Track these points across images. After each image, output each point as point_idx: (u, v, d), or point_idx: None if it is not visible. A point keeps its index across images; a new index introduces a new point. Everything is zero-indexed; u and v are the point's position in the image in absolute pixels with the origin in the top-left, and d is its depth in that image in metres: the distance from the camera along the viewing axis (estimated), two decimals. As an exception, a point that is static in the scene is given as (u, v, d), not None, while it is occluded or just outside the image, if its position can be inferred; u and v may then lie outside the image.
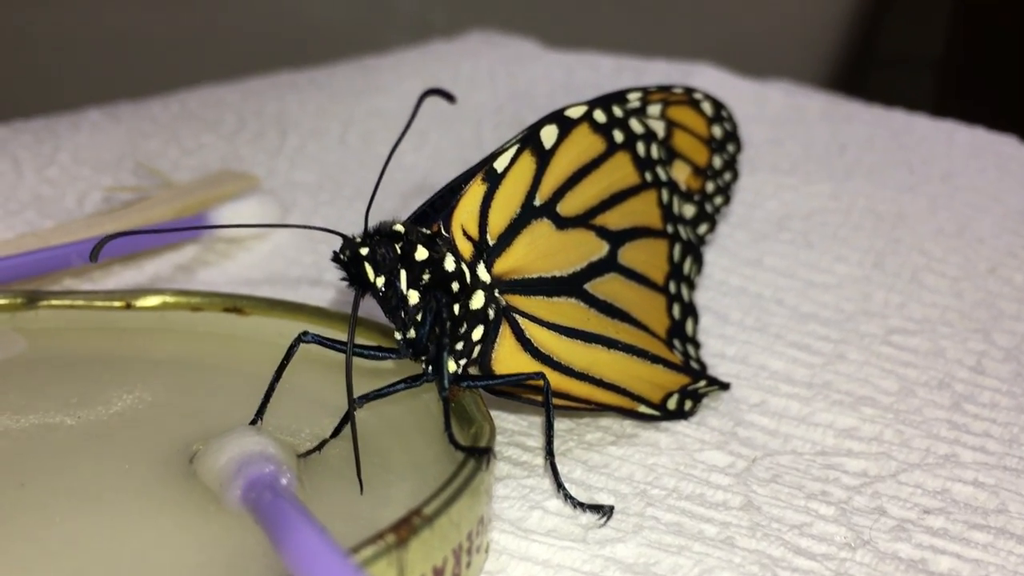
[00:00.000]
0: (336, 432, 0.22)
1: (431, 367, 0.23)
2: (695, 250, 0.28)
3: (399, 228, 0.22)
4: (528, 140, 0.25)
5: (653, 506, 0.23)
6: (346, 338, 0.22)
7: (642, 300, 0.26)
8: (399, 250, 0.22)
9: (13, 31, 0.65)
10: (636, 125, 0.27)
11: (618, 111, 0.26)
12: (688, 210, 0.28)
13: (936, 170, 0.39)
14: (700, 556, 0.22)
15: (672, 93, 0.28)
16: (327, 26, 0.67)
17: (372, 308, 0.23)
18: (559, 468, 0.24)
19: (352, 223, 0.36)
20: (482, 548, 0.21)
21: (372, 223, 0.23)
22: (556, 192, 0.25)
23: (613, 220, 0.26)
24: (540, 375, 0.23)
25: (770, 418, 0.27)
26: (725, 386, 0.27)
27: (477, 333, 0.23)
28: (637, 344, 0.25)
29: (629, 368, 0.25)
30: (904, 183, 0.38)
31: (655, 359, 0.26)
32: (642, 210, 0.27)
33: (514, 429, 0.26)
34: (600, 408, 0.25)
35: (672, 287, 0.27)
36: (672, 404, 0.26)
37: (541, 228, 0.24)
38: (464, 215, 0.23)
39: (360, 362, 0.24)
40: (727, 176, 0.29)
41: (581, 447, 0.25)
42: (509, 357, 0.23)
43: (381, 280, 0.22)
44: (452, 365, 0.23)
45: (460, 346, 0.23)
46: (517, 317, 0.24)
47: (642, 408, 0.26)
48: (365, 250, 0.22)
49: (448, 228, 0.23)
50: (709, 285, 0.32)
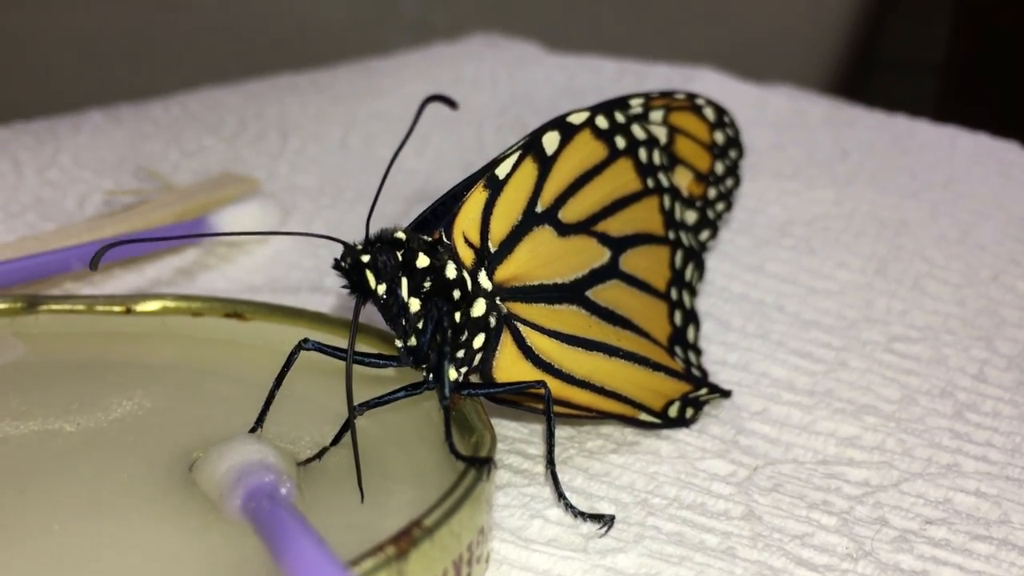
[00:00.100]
0: (336, 440, 0.22)
1: (432, 375, 0.22)
2: (697, 256, 0.28)
3: (400, 235, 0.22)
4: (530, 146, 0.24)
5: (654, 515, 0.23)
6: (346, 345, 0.22)
7: (644, 307, 0.26)
8: (400, 257, 0.22)
9: (13, 31, 0.65)
10: (638, 131, 0.27)
11: (620, 117, 0.26)
12: (690, 216, 0.28)
13: (938, 176, 0.39)
14: (701, 567, 0.22)
15: (674, 99, 0.28)
16: (329, 27, 0.67)
17: (373, 314, 0.23)
18: (560, 477, 0.23)
19: (353, 227, 0.36)
20: (482, 558, 0.21)
21: (373, 229, 0.23)
22: (558, 198, 0.25)
23: (615, 226, 0.26)
24: (541, 383, 0.23)
25: (772, 426, 0.26)
26: (726, 393, 0.27)
27: (478, 341, 0.23)
28: (638, 351, 0.25)
29: (630, 376, 0.25)
30: (906, 189, 0.38)
31: (656, 367, 0.26)
32: (644, 216, 0.27)
33: (515, 436, 0.26)
34: (601, 416, 0.25)
35: (674, 293, 0.27)
36: (673, 412, 0.26)
37: (543, 235, 0.24)
38: (466, 222, 0.23)
39: (361, 369, 0.24)
40: (729, 182, 0.29)
41: (582, 455, 0.25)
42: (510, 365, 0.23)
43: (382, 287, 0.22)
44: (453, 373, 0.22)
45: (461, 354, 0.23)
46: (518, 325, 0.24)
47: (643, 416, 0.26)
48: (366, 257, 0.22)
49: (450, 235, 0.23)
50: (711, 291, 0.32)
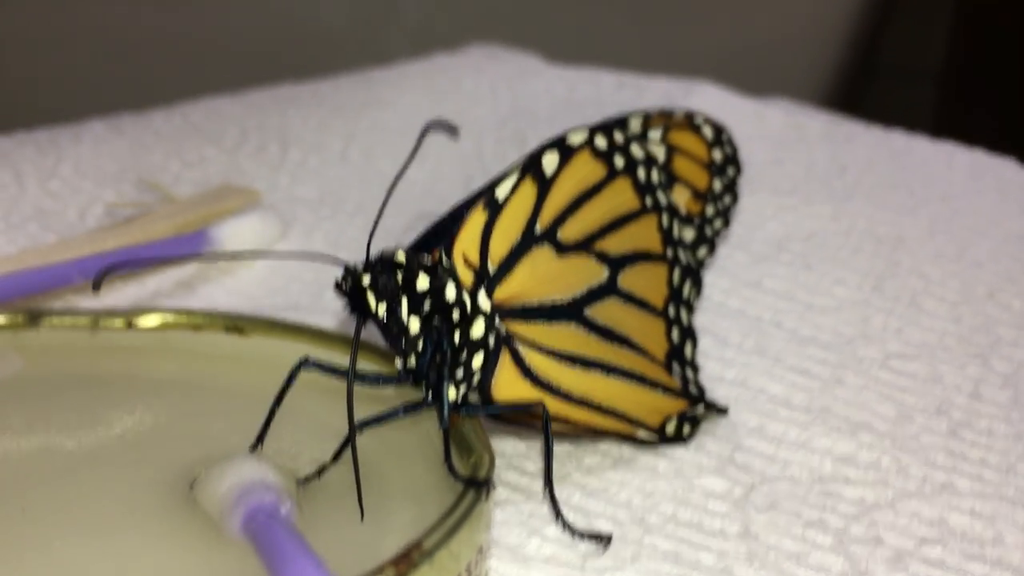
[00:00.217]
0: (336, 457, 0.23)
1: (431, 395, 0.23)
2: (694, 274, 0.28)
3: (401, 256, 0.23)
4: (529, 167, 0.25)
5: (651, 533, 0.23)
6: (347, 363, 0.22)
7: (641, 324, 0.27)
8: (400, 279, 0.22)
9: (13, 34, 0.65)
10: (637, 150, 0.27)
11: (619, 137, 0.27)
12: (688, 234, 0.29)
13: (936, 193, 0.39)
14: (697, 585, 0.22)
15: (673, 118, 0.28)
16: (329, 34, 0.68)
17: (372, 331, 0.23)
18: (558, 494, 0.24)
19: (353, 239, 0.37)
20: (480, 576, 0.21)
21: (373, 247, 0.23)
22: (557, 218, 0.25)
23: (613, 245, 0.26)
24: (540, 404, 0.23)
25: (768, 443, 0.27)
26: (723, 410, 0.28)
27: (477, 361, 0.23)
28: (636, 369, 0.25)
29: (628, 393, 0.25)
30: (904, 205, 0.38)
31: (654, 384, 0.26)
32: (642, 235, 0.27)
33: (513, 453, 0.26)
34: (599, 433, 0.25)
35: (671, 311, 0.28)
36: (670, 428, 0.26)
37: (541, 254, 0.25)
38: (465, 243, 0.24)
39: (360, 388, 0.24)
40: (727, 199, 0.29)
41: (580, 471, 0.25)
42: (509, 384, 0.24)
43: (383, 308, 0.22)
44: (452, 393, 0.23)
45: (460, 374, 0.23)
46: (517, 344, 0.24)
47: (641, 433, 0.26)
48: (367, 279, 0.22)
49: (449, 256, 0.23)
50: (708, 307, 0.32)
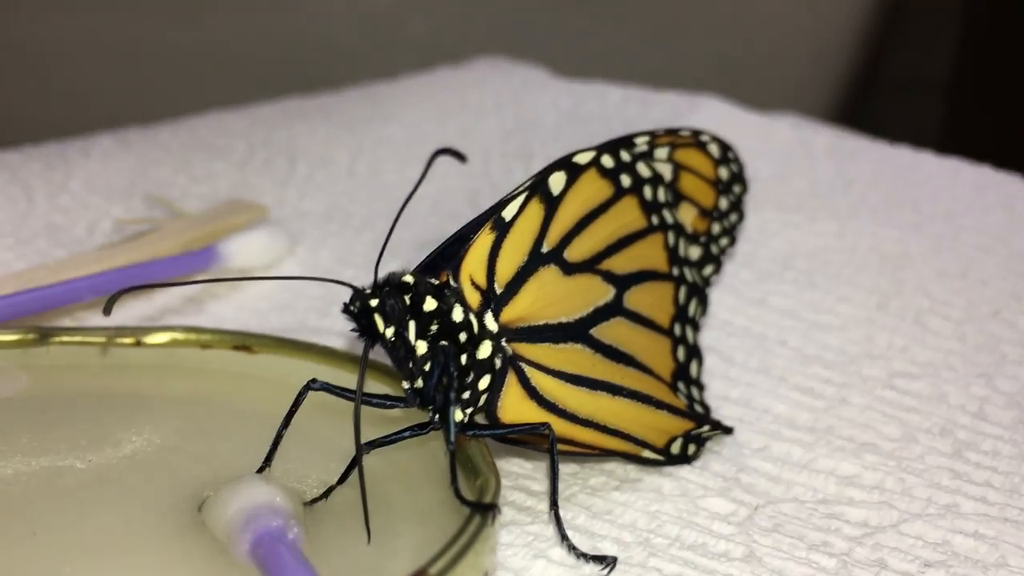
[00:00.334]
0: (343, 479, 0.23)
1: (438, 417, 0.23)
2: (700, 292, 0.28)
3: (408, 279, 0.23)
4: (536, 187, 0.25)
5: (656, 556, 0.23)
6: (353, 383, 0.22)
7: (647, 344, 0.27)
8: (408, 301, 0.22)
9: (22, 49, 0.65)
10: (643, 169, 0.27)
11: (626, 155, 0.27)
12: (694, 252, 0.29)
13: (941, 209, 0.39)
14: (702, 608, 0.22)
15: (679, 136, 0.28)
16: (335, 49, 0.68)
17: (380, 351, 0.23)
18: (563, 515, 0.24)
19: (360, 255, 0.37)
20: (486, 600, 0.21)
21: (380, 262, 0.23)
22: (563, 238, 0.25)
23: (619, 264, 0.26)
24: (546, 426, 0.23)
25: (772, 464, 0.27)
26: (728, 430, 0.28)
27: (483, 382, 0.23)
28: (642, 390, 0.26)
29: (634, 414, 0.25)
30: (909, 222, 0.38)
31: (660, 404, 0.26)
32: (648, 254, 0.27)
33: (519, 472, 0.26)
34: (604, 453, 0.25)
35: (677, 330, 0.28)
36: (676, 449, 0.26)
37: (548, 275, 0.25)
38: (473, 265, 0.24)
39: (368, 408, 0.24)
40: (733, 217, 0.29)
41: (585, 492, 0.25)
42: (515, 405, 0.24)
43: (390, 331, 0.22)
44: (459, 414, 0.23)
45: (467, 395, 0.23)
46: (523, 365, 0.24)
47: (646, 453, 0.26)
48: (375, 302, 0.22)
49: (457, 278, 0.23)
50: (714, 325, 0.32)
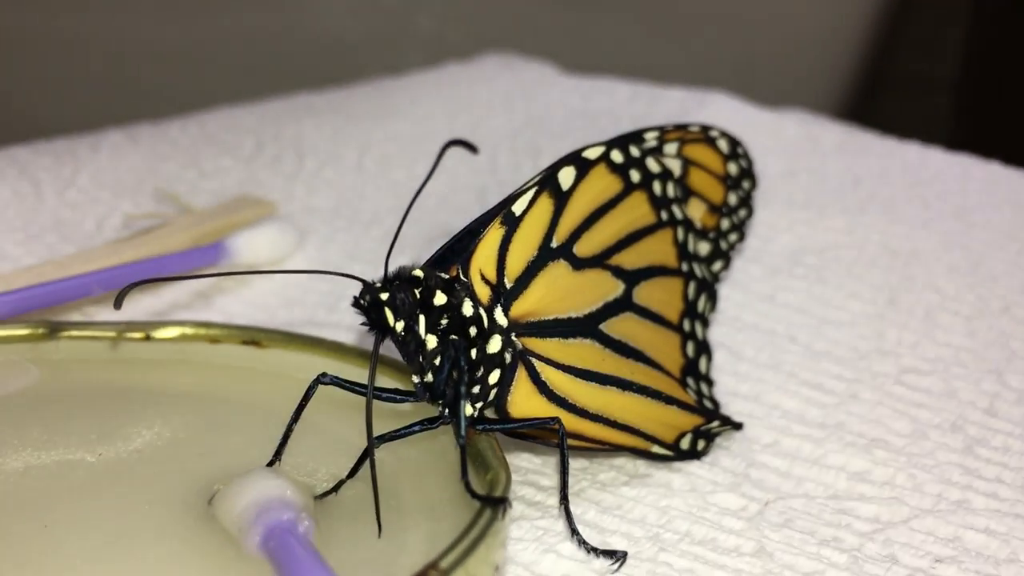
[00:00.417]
0: (352, 473, 0.23)
1: (448, 411, 0.23)
2: (709, 288, 0.28)
3: (418, 273, 0.23)
4: (546, 182, 0.25)
5: (666, 551, 0.23)
6: (362, 378, 0.22)
7: (656, 339, 0.27)
8: (418, 295, 0.22)
9: (32, 45, 0.65)
10: (653, 164, 0.27)
11: (635, 151, 0.27)
12: (703, 248, 0.29)
13: (950, 205, 0.39)
14: (712, 603, 0.22)
15: (688, 131, 0.28)
16: (344, 44, 0.68)
17: (389, 346, 0.23)
18: (573, 510, 0.24)
19: (368, 250, 0.37)
20: (496, 594, 0.21)
21: (382, 253, 0.23)
22: (573, 233, 0.25)
23: (629, 259, 0.26)
24: (556, 420, 0.23)
25: (783, 459, 0.27)
26: (738, 426, 0.28)
27: (493, 377, 0.23)
28: (651, 385, 0.25)
29: (643, 409, 0.25)
30: (918, 218, 0.38)
31: (669, 400, 0.26)
32: (658, 249, 0.27)
33: (528, 467, 0.26)
34: (614, 448, 0.25)
35: (686, 325, 0.28)
36: (685, 444, 0.26)
37: (558, 270, 0.25)
38: (482, 259, 0.24)
39: (378, 403, 0.24)
40: (742, 213, 0.29)
41: (595, 487, 0.25)
42: (525, 400, 0.24)
43: (400, 325, 0.22)
44: (469, 409, 0.23)
45: (477, 390, 0.23)
46: (533, 360, 0.24)
47: (656, 448, 0.26)
48: (385, 295, 0.22)
49: (467, 272, 0.23)
50: (723, 320, 0.32)
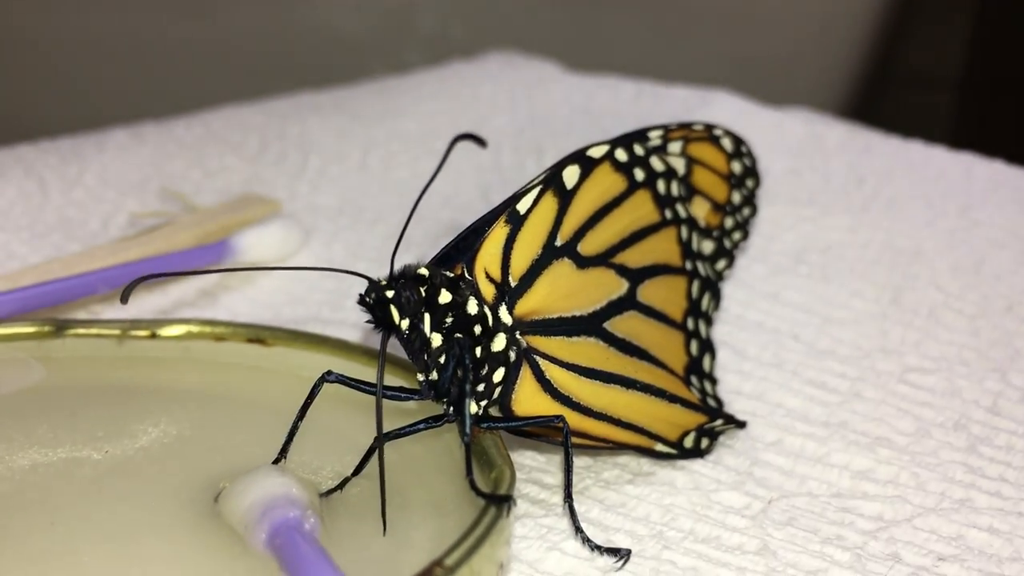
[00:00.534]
0: (358, 470, 0.23)
1: (453, 409, 0.23)
2: (713, 286, 0.28)
3: (423, 271, 0.23)
4: (550, 181, 0.25)
5: (670, 549, 0.23)
6: (368, 375, 0.23)
7: (660, 337, 0.27)
8: (423, 293, 0.22)
9: (36, 43, 0.65)
10: (657, 163, 0.27)
11: (639, 149, 0.27)
12: (707, 246, 0.29)
13: (954, 204, 0.39)
14: (716, 601, 0.22)
15: (693, 130, 0.28)
16: (347, 43, 0.68)
17: (394, 345, 0.24)
18: (577, 508, 0.24)
19: (373, 248, 0.37)
20: (501, 591, 0.21)
21: (386, 251, 0.23)
22: (577, 232, 0.25)
23: (633, 258, 0.26)
24: (560, 418, 0.23)
25: (786, 458, 0.27)
26: (741, 424, 0.28)
27: (498, 375, 0.23)
28: (655, 383, 0.26)
29: (647, 408, 0.25)
30: (922, 217, 0.38)
31: (673, 398, 0.26)
32: (661, 247, 0.27)
33: (532, 465, 0.26)
34: (618, 446, 0.25)
35: (690, 323, 0.28)
36: (689, 442, 0.26)
37: (562, 268, 0.25)
38: (487, 258, 0.24)
39: (383, 401, 0.24)
40: (746, 211, 0.29)
41: (598, 485, 0.25)
42: (529, 398, 0.24)
43: (405, 323, 0.22)
44: (473, 407, 0.23)
45: (481, 388, 0.23)
46: (537, 358, 0.24)
47: (659, 446, 0.26)
48: (390, 293, 0.22)
49: (471, 271, 0.23)
50: (726, 319, 0.32)
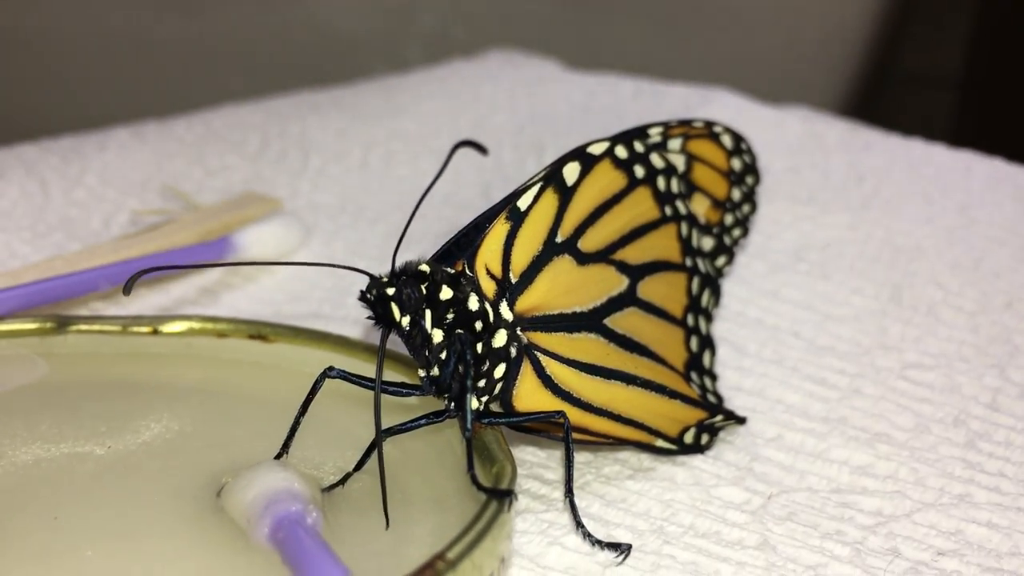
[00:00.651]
0: (359, 466, 0.23)
1: (454, 405, 0.23)
2: (713, 283, 0.29)
3: (424, 268, 0.23)
4: (551, 177, 0.25)
5: (670, 544, 0.24)
6: (369, 371, 0.23)
7: (660, 333, 0.27)
8: (424, 290, 0.22)
9: (37, 43, 0.65)
10: (657, 160, 0.27)
11: (639, 146, 0.27)
12: (707, 243, 0.29)
13: (953, 202, 0.39)
14: (716, 595, 0.22)
15: (692, 127, 0.28)
16: (348, 42, 0.68)
17: (396, 341, 0.24)
18: (578, 503, 0.24)
19: (373, 246, 0.37)
20: (502, 586, 0.21)
21: (387, 249, 0.23)
22: (578, 228, 0.25)
23: (633, 255, 0.26)
24: (561, 413, 0.23)
25: (786, 453, 0.27)
26: (741, 420, 0.28)
27: (499, 371, 0.23)
28: (655, 379, 0.26)
29: (647, 403, 0.25)
30: (921, 215, 0.38)
31: (673, 394, 0.26)
32: (661, 244, 0.27)
33: (533, 461, 0.26)
34: (618, 442, 0.26)
35: (690, 320, 0.28)
36: (689, 438, 0.26)
37: (562, 264, 0.25)
38: (488, 254, 0.24)
39: (384, 396, 0.24)
40: (745, 208, 0.29)
41: (599, 480, 0.26)
42: (530, 394, 0.24)
43: (406, 319, 0.22)
44: (474, 402, 0.23)
45: (482, 384, 0.23)
46: (538, 354, 0.24)
47: (659, 442, 0.26)
48: (392, 290, 0.22)
49: (472, 267, 0.24)
50: (726, 316, 0.32)
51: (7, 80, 0.66)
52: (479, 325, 0.23)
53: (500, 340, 0.23)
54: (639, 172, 0.27)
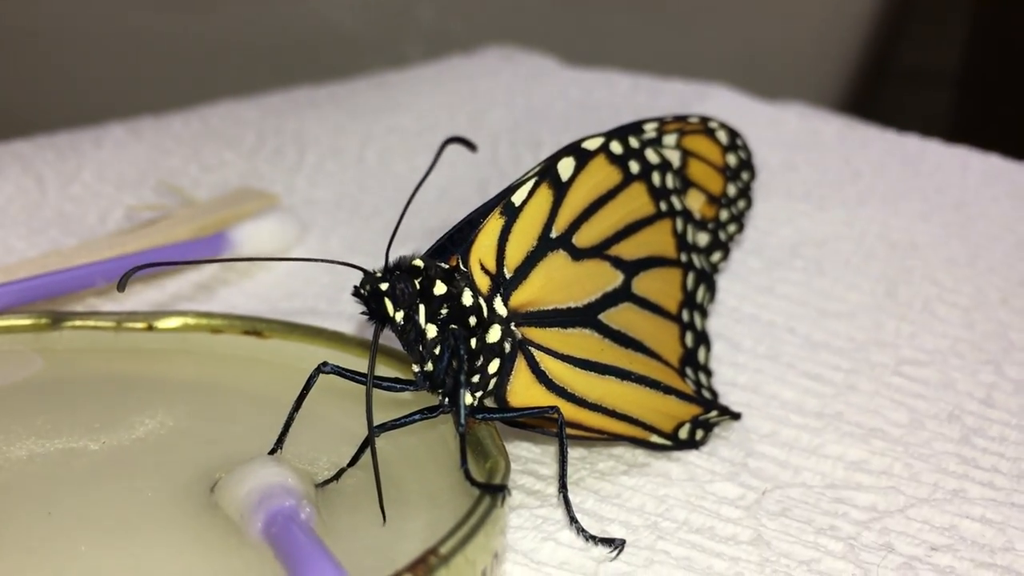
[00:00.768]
0: (353, 461, 0.23)
1: (448, 400, 0.23)
2: (708, 278, 0.29)
3: (418, 263, 0.23)
4: (546, 173, 0.25)
5: (664, 539, 0.24)
6: (363, 367, 0.23)
7: (655, 329, 0.27)
8: (418, 285, 0.22)
9: (33, 39, 0.65)
10: (652, 155, 0.27)
11: (634, 142, 0.27)
12: (702, 238, 0.29)
13: (949, 198, 0.39)
14: (709, 590, 0.22)
15: (688, 122, 0.28)
16: (345, 38, 0.68)
17: (389, 336, 0.24)
18: (572, 499, 0.24)
19: (369, 242, 0.37)
20: (496, 581, 0.21)
21: (383, 246, 0.23)
22: (572, 224, 0.25)
23: (628, 250, 0.26)
24: (555, 409, 0.23)
25: (780, 449, 0.27)
26: (736, 416, 0.28)
27: (493, 366, 0.23)
28: (650, 375, 0.26)
29: (642, 399, 0.25)
30: (917, 211, 0.38)
31: (668, 390, 0.26)
32: (657, 240, 0.27)
33: (527, 456, 0.26)
34: (613, 438, 0.26)
35: (685, 315, 0.28)
36: (684, 434, 0.26)
37: (557, 260, 0.25)
38: (482, 250, 0.24)
39: (378, 392, 0.24)
40: (741, 204, 0.29)
41: (593, 476, 0.26)
42: (524, 389, 0.24)
43: (400, 315, 0.22)
44: (468, 398, 0.23)
45: (476, 379, 0.23)
46: (532, 349, 0.24)
47: (654, 438, 0.26)
48: (385, 285, 0.22)
49: (466, 262, 0.24)
50: (722, 312, 0.32)
51: (3, 76, 0.66)
52: (473, 320, 0.23)
53: (494, 335, 0.23)
54: (634, 168, 0.27)
